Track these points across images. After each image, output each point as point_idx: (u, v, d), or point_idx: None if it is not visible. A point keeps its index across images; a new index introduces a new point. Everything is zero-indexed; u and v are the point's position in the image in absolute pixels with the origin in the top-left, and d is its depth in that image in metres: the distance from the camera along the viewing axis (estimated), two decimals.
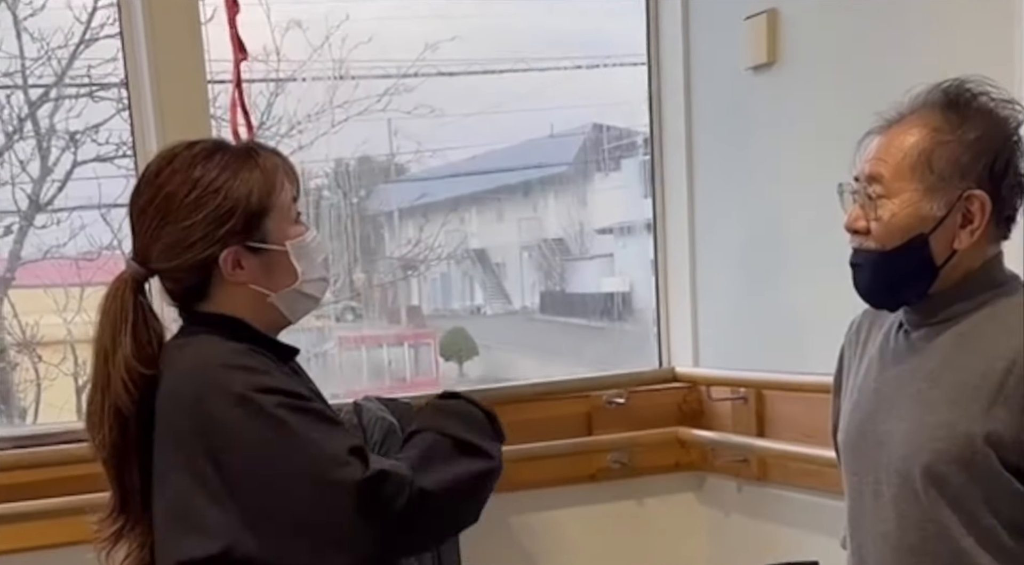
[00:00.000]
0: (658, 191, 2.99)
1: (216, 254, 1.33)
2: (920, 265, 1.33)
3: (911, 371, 1.38)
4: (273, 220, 1.35)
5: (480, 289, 3.85)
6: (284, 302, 1.37)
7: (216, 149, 1.36)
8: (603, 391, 2.79)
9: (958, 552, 1.30)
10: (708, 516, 2.85)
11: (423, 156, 3.51)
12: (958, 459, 1.29)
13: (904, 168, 1.32)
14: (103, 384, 1.31)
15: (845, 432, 1.48)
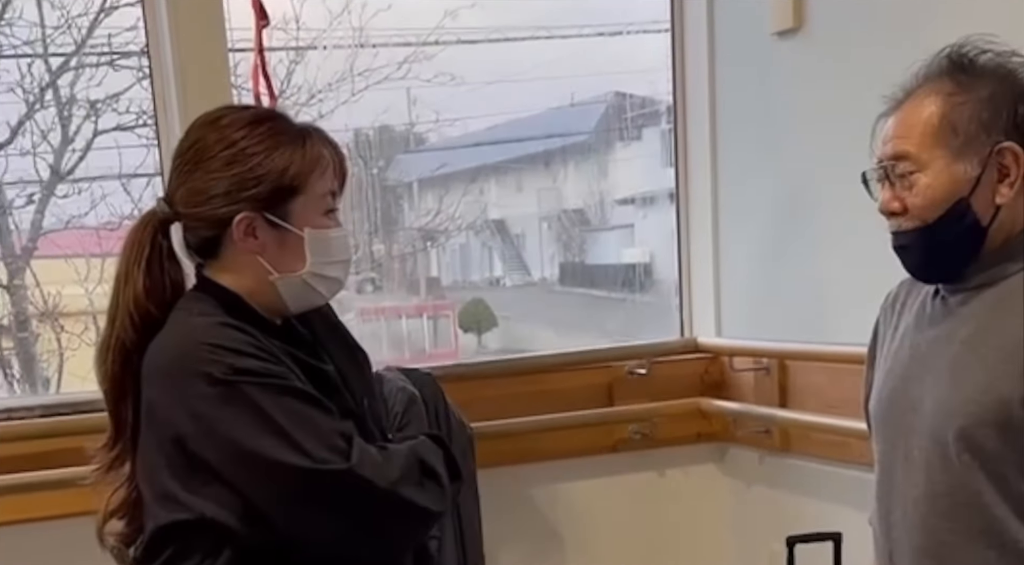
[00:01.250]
0: (681, 160, 2.99)
1: (233, 214, 1.35)
2: (967, 229, 1.33)
3: (947, 336, 1.38)
4: (301, 203, 1.37)
5: (499, 260, 3.87)
6: (286, 287, 1.38)
7: (268, 118, 1.38)
8: (624, 361, 2.81)
9: (990, 519, 1.31)
10: (730, 487, 2.87)
11: (442, 125, 3.52)
12: (993, 423, 1.29)
13: (928, 138, 1.32)
14: (113, 315, 1.33)
15: (877, 400, 1.48)
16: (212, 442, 1.26)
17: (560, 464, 2.73)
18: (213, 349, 1.28)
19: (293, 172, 1.35)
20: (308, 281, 1.38)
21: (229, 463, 1.25)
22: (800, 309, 2.61)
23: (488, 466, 2.54)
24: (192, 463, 1.27)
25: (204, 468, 1.27)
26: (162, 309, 1.33)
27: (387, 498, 1.25)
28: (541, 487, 2.75)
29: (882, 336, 1.54)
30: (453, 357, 3.47)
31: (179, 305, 1.37)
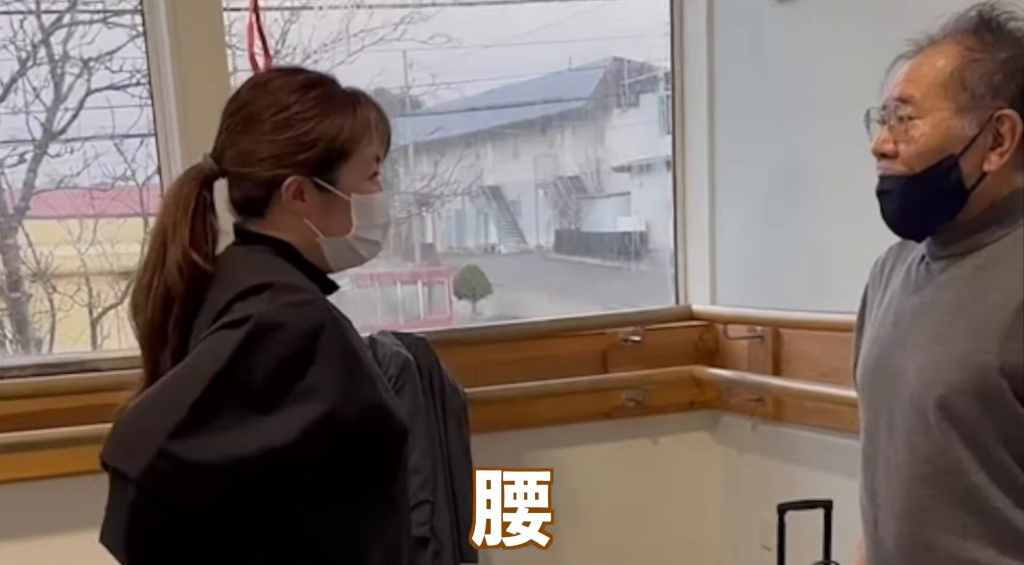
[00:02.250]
0: (678, 126, 3.01)
1: (283, 177, 1.37)
2: (950, 187, 1.34)
3: (930, 303, 1.39)
4: (349, 168, 1.39)
5: (495, 227, 3.88)
6: (329, 248, 1.42)
7: (320, 83, 1.40)
8: (619, 328, 2.85)
9: (969, 486, 1.33)
10: (723, 455, 2.92)
11: (438, 89, 3.52)
12: (972, 391, 1.31)
13: (936, 87, 1.33)
14: (157, 265, 1.37)
15: (863, 367, 1.50)
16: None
17: (554, 430, 2.77)
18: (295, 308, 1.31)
19: (344, 138, 1.37)
20: (352, 243, 1.42)
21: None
22: (795, 277, 2.64)
23: (482, 431, 2.58)
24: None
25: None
26: (207, 260, 1.36)
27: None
28: (534, 453, 2.78)
29: (870, 302, 1.56)
30: (447, 324, 3.48)
31: (234, 254, 1.39)
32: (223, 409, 1.25)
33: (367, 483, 1.37)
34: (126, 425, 1.27)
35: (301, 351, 1.27)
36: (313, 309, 1.31)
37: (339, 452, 1.31)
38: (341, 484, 1.34)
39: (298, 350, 1.27)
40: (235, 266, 1.38)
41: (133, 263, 3.15)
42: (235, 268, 1.38)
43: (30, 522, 2.39)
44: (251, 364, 1.26)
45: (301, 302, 1.31)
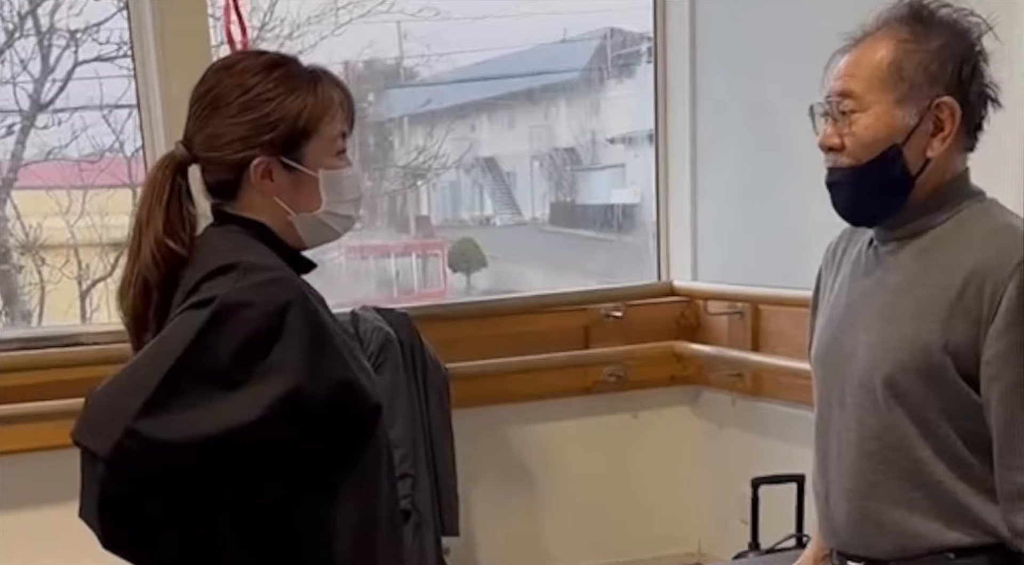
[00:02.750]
0: (661, 98, 3.03)
1: (250, 158, 1.42)
2: (896, 176, 1.38)
3: (878, 285, 1.44)
4: (314, 145, 1.44)
5: (490, 199, 3.90)
6: (302, 225, 1.47)
7: (281, 64, 1.44)
8: (601, 304, 2.89)
9: (915, 461, 1.38)
10: (702, 429, 2.97)
11: (431, 60, 3.53)
12: (917, 369, 1.36)
13: (875, 80, 1.37)
14: (134, 254, 1.43)
15: (817, 347, 1.56)
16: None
17: (535, 405, 2.83)
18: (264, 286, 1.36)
19: (307, 117, 1.42)
20: (323, 219, 1.47)
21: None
22: (775, 254, 2.68)
23: (464, 406, 2.63)
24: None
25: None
26: (182, 246, 1.40)
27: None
28: (516, 428, 2.84)
29: (823, 285, 1.62)
30: (441, 297, 3.52)
31: (208, 235, 1.43)
32: (189, 388, 1.29)
33: (338, 459, 1.41)
34: (95, 403, 1.31)
35: (267, 329, 1.31)
36: (280, 288, 1.35)
37: (307, 429, 1.35)
38: (310, 460, 1.38)
39: (264, 328, 1.31)
40: (208, 247, 1.43)
41: (122, 235, 3.20)
42: (207, 249, 1.42)
43: (18, 495, 2.45)
44: (216, 343, 1.30)
45: (268, 281, 1.35)
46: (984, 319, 1.33)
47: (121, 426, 1.26)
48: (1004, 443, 1.34)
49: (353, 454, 1.42)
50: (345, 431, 1.41)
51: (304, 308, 1.35)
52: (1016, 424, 1.33)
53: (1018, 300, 1.31)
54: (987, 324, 1.33)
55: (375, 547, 1.43)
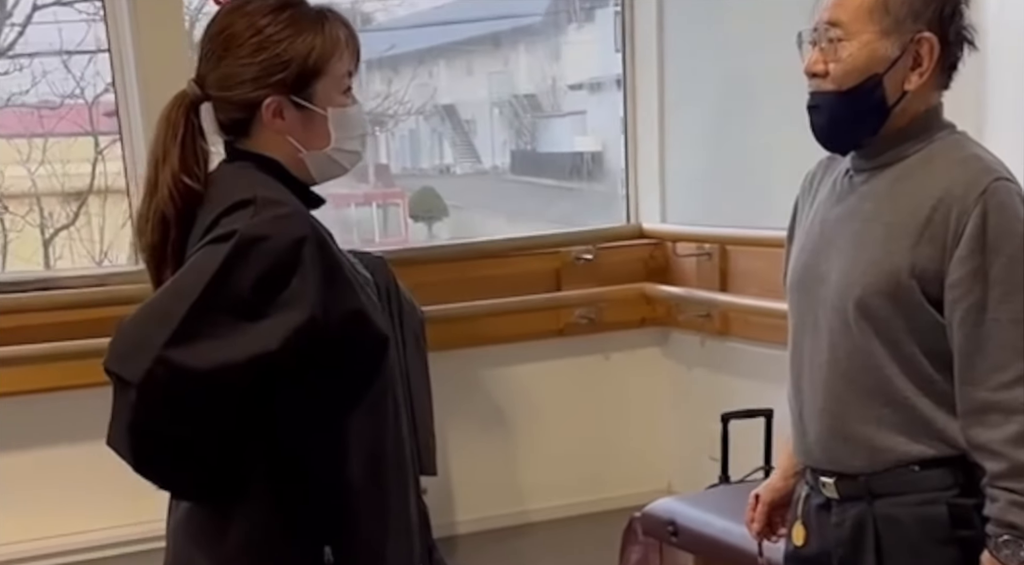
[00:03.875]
0: (628, 44, 3.13)
1: (262, 98, 1.50)
2: (874, 104, 1.48)
3: (851, 212, 1.55)
4: (323, 84, 1.52)
5: (449, 147, 3.95)
6: (313, 161, 1.55)
7: (290, 4, 1.52)
8: (571, 247, 3.00)
9: (882, 379, 1.50)
10: (672, 369, 3.11)
11: (390, 4, 3.56)
12: (885, 292, 1.47)
13: (863, 11, 1.47)
14: (150, 190, 1.51)
15: (792, 273, 1.66)
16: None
17: (509, 347, 2.94)
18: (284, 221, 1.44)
19: (316, 56, 1.50)
20: (332, 156, 1.55)
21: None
22: (742, 196, 2.81)
23: (438, 349, 2.72)
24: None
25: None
26: (198, 181, 1.49)
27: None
28: (490, 370, 2.95)
29: (800, 213, 1.72)
30: (403, 245, 3.57)
31: (222, 171, 1.51)
32: (215, 318, 1.38)
33: (348, 390, 1.51)
34: (125, 333, 1.41)
35: (285, 261, 1.40)
36: (295, 221, 1.43)
37: (322, 358, 1.44)
38: (323, 390, 1.48)
39: (282, 261, 1.40)
40: (223, 183, 1.52)
41: (84, 184, 3.23)
42: (223, 185, 1.51)
43: None
44: (239, 275, 1.39)
45: (284, 215, 1.43)
46: (949, 245, 1.44)
47: (151, 355, 1.35)
48: (964, 362, 1.46)
49: (363, 385, 1.52)
50: (355, 362, 1.51)
51: (317, 241, 1.44)
52: (975, 344, 1.45)
53: (981, 227, 1.42)
54: (951, 250, 1.44)
55: (385, 477, 1.54)
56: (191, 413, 1.41)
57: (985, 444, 1.45)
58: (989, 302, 1.43)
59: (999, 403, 1.44)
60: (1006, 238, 1.42)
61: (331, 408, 1.49)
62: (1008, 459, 1.43)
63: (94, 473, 2.54)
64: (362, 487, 1.52)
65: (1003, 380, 1.44)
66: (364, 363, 1.52)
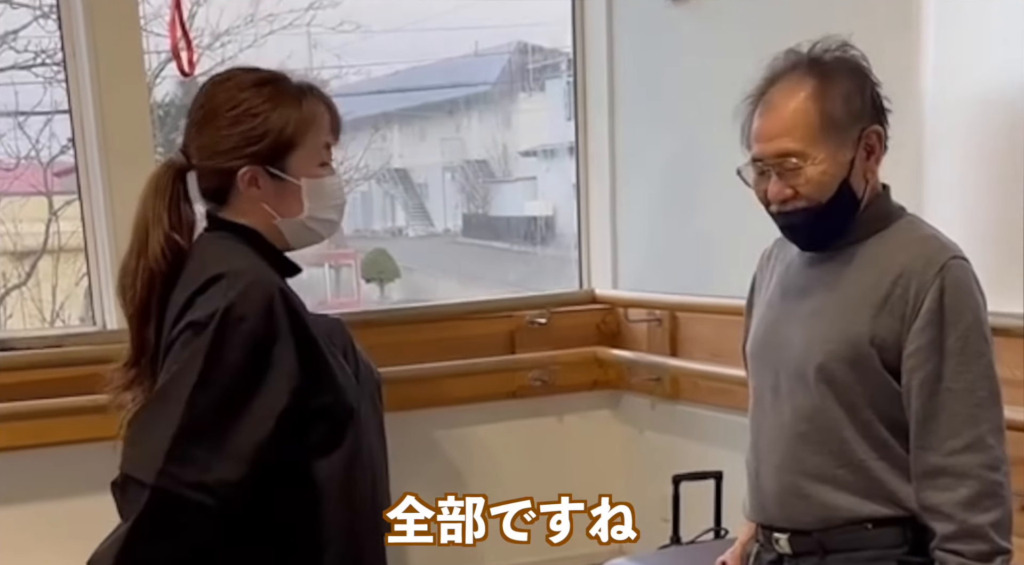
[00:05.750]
0: (580, 114, 3.21)
1: (238, 167, 1.56)
2: (849, 203, 1.58)
3: (812, 285, 1.63)
4: (298, 156, 1.58)
5: (402, 210, 4.00)
6: (287, 228, 1.62)
7: (271, 80, 1.57)
8: (526, 311, 3.06)
9: (841, 441, 1.57)
10: (623, 432, 3.15)
11: (345, 72, 3.63)
12: (846, 359, 1.55)
13: (812, 134, 1.54)
14: (140, 249, 1.57)
15: (753, 341, 1.75)
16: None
17: (464, 409, 2.97)
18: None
19: (291, 130, 1.56)
20: (307, 223, 1.62)
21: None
22: (691, 264, 2.88)
23: (394, 410, 2.72)
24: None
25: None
26: (188, 241, 1.57)
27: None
28: (445, 431, 2.97)
29: (758, 287, 1.81)
30: (355, 307, 3.60)
31: (201, 241, 1.55)
32: (211, 417, 1.45)
33: (324, 442, 1.57)
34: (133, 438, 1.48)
35: (264, 333, 1.46)
36: (261, 288, 1.48)
37: (301, 420, 1.50)
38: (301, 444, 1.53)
39: (260, 336, 1.46)
40: (199, 255, 1.58)
41: (37, 243, 3.22)
42: (199, 257, 1.57)
43: None
44: (228, 357, 1.45)
45: (250, 284, 1.48)
46: (908, 317, 1.52)
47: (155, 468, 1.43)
48: (919, 428, 1.53)
49: (335, 441, 1.55)
50: (328, 419, 1.55)
51: (286, 307, 1.48)
52: (930, 411, 1.52)
53: (938, 302, 1.50)
54: (910, 321, 1.52)
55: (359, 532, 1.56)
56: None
57: (936, 506, 1.52)
58: (944, 372, 1.50)
59: (951, 467, 1.50)
60: (961, 313, 1.50)
61: (305, 465, 1.52)
62: (957, 521, 1.49)
63: (41, 535, 2.54)
64: (337, 542, 1.54)
65: (955, 446, 1.50)
66: (337, 419, 1.57)
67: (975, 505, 1.49)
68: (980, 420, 1.50)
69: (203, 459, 1.43)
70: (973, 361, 1.51)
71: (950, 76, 2.14)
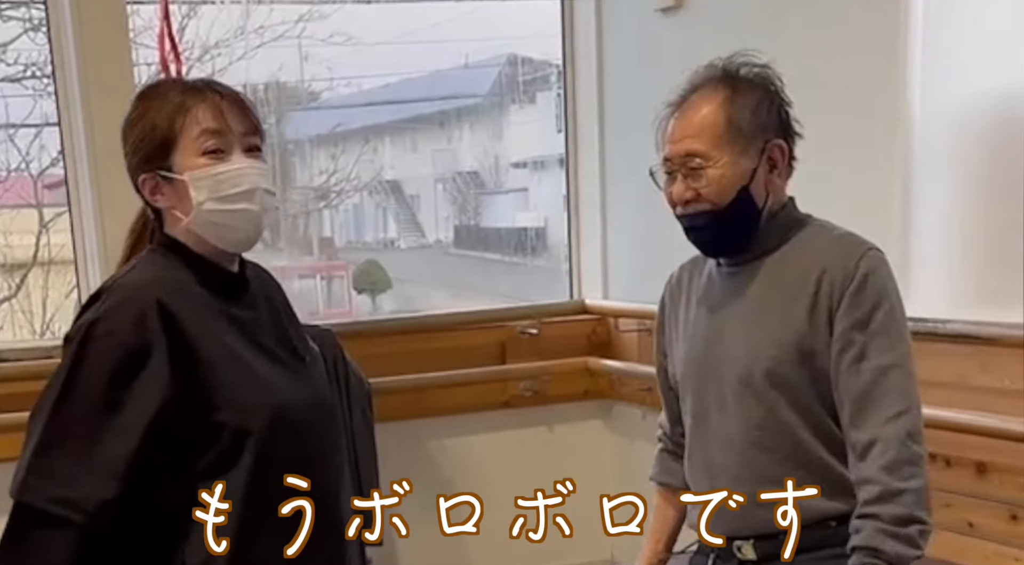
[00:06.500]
0: (570, 125, 3.23)
1: (138, 178, 1.56)
2: (749, 211, 1.63)
3: (738, 298, 1.67)
4: (179, 152, 1.53)
5: (394, 221, 4.00)
6: (199, 227, 1.55)
7: (155, 85, 1.58)
8: (516, 322, 3.06)
9: (796, 442, 1.60)
10: (614, 442, 3.15)
11: (336, 84, 3.63)
12: (791, 360, 1.59)
13: (717, 137, 1.61)
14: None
15: (685, 363, 1.74)
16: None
17: (455, 419, 2.97)
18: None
19: (162, 128, 1.53)
20: (210, 217, 1.54)
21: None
22: None
23: (385, 420, 2.73)
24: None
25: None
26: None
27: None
28: (436, 441, 2.97)
29: (671, 312, 1.83)
30: (347, 317, 3.60)
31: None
32: (70, 437, 1.42)
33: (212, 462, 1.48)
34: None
35: (135, 345, 1.42)
36: (135, 304, 1.44)
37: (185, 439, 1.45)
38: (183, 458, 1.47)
39: (132, 345, 1.42)
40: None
41: (27, 255, 3.22)
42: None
43: None
44: (88, 375, 1.42)
45: (123, 300, 1.45)
46: (834, 308, 1.58)
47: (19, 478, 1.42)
48: (852, 408, 1.57)
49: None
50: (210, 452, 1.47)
51: (162, 320, 1.44)
52: (860, 388, 1.56)
53: (861, 286, 1.56)
54: (836, 311, 1.57)
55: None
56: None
57: (865, 476, 1.55)
58: (870, 351, 1.56)
59: (880, 437, 1.54)
60: (883, 296, 1.57)
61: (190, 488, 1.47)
62: (881, 484, 1.53)
63: None
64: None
65: (886, 415, 1.55)
66: (229, 441, 1.48)
67: (897, 470, 1.52)
68: (906, 393, 1.55)
69: (66, 473, 1.39)
70: (897, 341, 1.56)
71: (936, 84, 2.15)
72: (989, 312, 2.02)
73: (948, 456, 2.14)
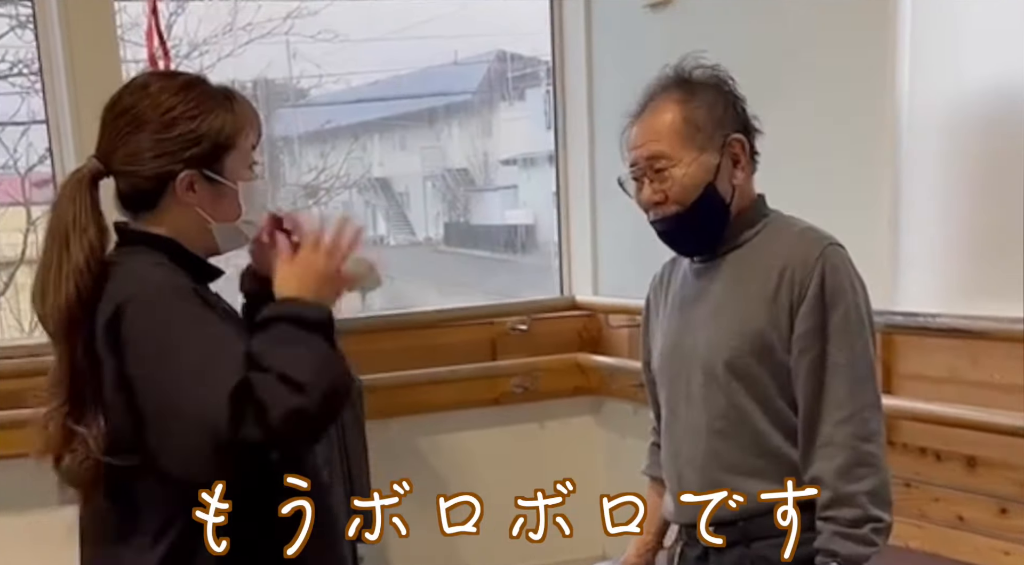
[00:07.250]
0: (560, 122, 3.23)
1: (176, 171, 1.52)
2: (717, 208, 1.66)
3: (705, 292, 1.72)
4: (233, 159, 1.54)
5: (383, 218, 4.00)
6: (221, 233, 1.57)
7: (196, 83, 1.55)
8: (507, 318, 3.06)
9: (756, 432, 1.64)
10: (605, 438, 3.15)
11: (325, 81, 3.62)
12: (751, 352, 1.63)
13: (677, 137, 1.65)
14: (62, 263, 1.48)
15: (660, 355, 1.79)
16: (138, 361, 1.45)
17: (445, 416, 2.98)
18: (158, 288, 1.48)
19: (227, 131, 1.53)
20: (240, 227, 1.57)
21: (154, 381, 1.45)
22: None
23: (376, 417, 2.73)
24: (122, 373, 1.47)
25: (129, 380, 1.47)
26: (105, 254, 1.51)
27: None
28: (427, 437, 2.97)
29: (654, 309, 1.88)
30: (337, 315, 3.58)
31: (124, 252, 1.52)
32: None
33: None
34: None
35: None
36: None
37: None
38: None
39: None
40: (119, 272, 1.50)
41: (15, 253, 3.20)
42: (118, 274, 1.50)
43: None
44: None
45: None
46: (795, 304, 1.61)
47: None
48: (808, 404, 1.60)
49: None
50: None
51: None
52: (817, 389, 1.59)
53: (820, 286, 1.59)
54: (797, 307, 1.60)
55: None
56: None
57: (818, 477, 1.59)
58: (829, 350, 1.59)
59: (831, 438, 1.58)
60: (842, 294, 1.60)
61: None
62: (832, 489, 1.57)
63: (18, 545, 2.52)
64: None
65: (840, 416, 1.58)
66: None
67: (848, 474, 1.57)
68: (859, 394, 1.59)
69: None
70: (855, 339, 1.60)
71: (925, 79, 2.16)
72: (979, 306, 2.03)
73: (938, 450, 2.15)
